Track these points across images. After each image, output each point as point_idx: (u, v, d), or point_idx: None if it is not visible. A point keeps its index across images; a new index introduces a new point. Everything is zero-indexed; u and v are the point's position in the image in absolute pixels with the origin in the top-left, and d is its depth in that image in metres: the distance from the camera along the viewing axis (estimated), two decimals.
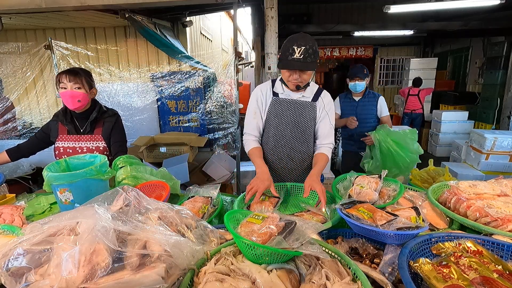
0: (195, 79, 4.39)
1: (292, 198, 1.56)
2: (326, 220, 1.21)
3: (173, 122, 4.75)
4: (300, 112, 1.72)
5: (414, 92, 6.45)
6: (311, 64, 1.50)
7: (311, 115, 1.73)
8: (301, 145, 1.77)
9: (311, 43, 1.48)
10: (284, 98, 1.72)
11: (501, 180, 1.36)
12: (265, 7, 2.79)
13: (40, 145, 1.94)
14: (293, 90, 1.68)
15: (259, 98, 1.74)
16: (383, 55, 9.21)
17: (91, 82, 1.83)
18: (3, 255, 0.72)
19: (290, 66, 1.53)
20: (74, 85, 1.74)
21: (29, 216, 1.42)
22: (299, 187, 1.58)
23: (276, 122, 1.73)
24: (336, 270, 0.82)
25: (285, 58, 1.52)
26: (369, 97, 2.88)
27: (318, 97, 1.73)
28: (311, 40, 1.50)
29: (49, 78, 5.00)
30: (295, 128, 1.73)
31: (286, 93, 1.72)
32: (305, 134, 1.75)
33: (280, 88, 1.73)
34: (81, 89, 1.76)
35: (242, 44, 11.85)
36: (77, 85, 1.74)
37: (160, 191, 1.55)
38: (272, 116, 1.73)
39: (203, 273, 0.81)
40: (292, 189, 1.59)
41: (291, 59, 1.48)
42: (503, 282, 0.72)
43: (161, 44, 4.21)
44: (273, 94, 1.73)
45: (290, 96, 1.72)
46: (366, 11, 7.87)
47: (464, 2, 4.82)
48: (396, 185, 1.41)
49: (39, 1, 2.78)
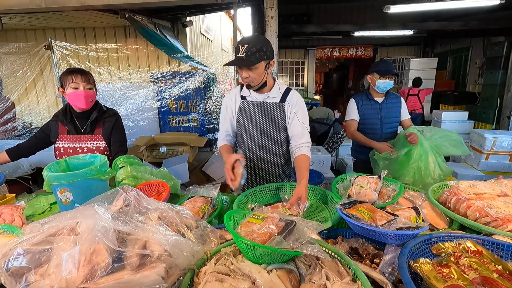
0: (195, 79, 4.40)
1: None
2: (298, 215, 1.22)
3: (173, 122, 4.75)
4: (267, 114, 1.69)
5: (414, 92, 6.46)
6: (251, 61, 1.47)
7: (280, 116, 1.69)
8: (272, 147, 1.75)
9: (255, 42, 1.47)
10: (251, 101, 1.71)
11: (501, 180, 1.36)
12: (265, 7, 2.79)
13: (40, 145, 1.94)
14: (248, 89, 1.65)
15: (228, 104, 1.77)
16: (383, 55, 9.21)
17: (95, 82, 1.86)
18: (3, 255, 0.72)
19: (232, 63, 1.53)
20: (87, 85, 1.76)
21: (29, 216, 1.42)
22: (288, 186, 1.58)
23: (245, 125, 1.74)
24: (336, 270, 0.82)
25: (233, 57, 1.53)
26: (391, 98, 2.52)
27: (286, 97, 1.69)
28: (259, 40, 1.50)
29: (49, 78, 5.00)
30: (264, 130, 1.72)
31: (253, 96, 1.71)
32: (275, 135, 1.72)
33: (247, 91, 1.72)
34: (92, 89, 1.80)
35: None
36: (89, 85, 1.78)
37: (160, 191, 1.55)
38: (242, 120, 1.74)
39: (203, 273, 0.81)
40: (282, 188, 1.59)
41: (236, 57, 1.49)
42: (503, 282, 0.72)
43: (161, 44, 4.21)
44: (241, 97, 1.74)
45: (256, 98, 1.70)
46: (366, 11, 7.88)
47: (464, 2, 4.83)
48: (395, 185, 1.41)
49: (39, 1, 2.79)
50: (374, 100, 2.52)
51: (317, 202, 1.48)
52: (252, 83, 1.56)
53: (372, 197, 1.27)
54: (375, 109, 2.51)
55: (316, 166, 4.10)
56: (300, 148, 1.63)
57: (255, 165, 1.79)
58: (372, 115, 2.51)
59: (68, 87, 1.74)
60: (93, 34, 5.06)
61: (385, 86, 2.42)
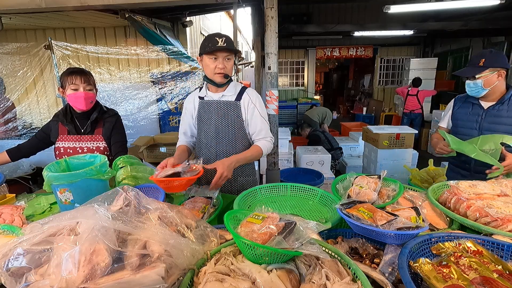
0: (195, 79, 4.40)
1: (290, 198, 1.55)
2: None
3: (173, 122, 4.75)
4: (223, 113, 1.71)
5: (413, 92, 6.46)
6: (233, 49, 1.58)
7: (235, 114, 1.71)
8: (227, 146, 1.75)
9: (228, 37, 1.57)
10: (207, 100, 1.74)
11: (501, 180, 1.36)
12: (265, 7, 2.79)
13: (40, 145, 1.94)
14: (220, 84, 1.66)
15: (188, 106, 1.81)
16: (383, 55, 9.21)
17: (95, 83, 1.85)
18: (3, 255, 0.72)
19: (217, 49, 1.54)
20: (87, 86, 1.76)
21: (29, 216, 1.42)
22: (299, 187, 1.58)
23: (203, 125, 1.76)
24: (336, 270, 0.82)
25: (210, 47, 1.54)
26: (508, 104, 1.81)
27: (242, 95, 1.72)
28: (229, 36, 1.60)
29: (49, 78, 5.00)
30: (220, 129, 1.73)
31: (209, 95, 1.74)
32: (230, 134, 1.73)
33: (204, 92, 1.75)
34: (92, 90, 1.80)
35: (242, 44, 11.85)
36: (89, 86, 1.78)
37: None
38: (200, 121, 1.77)
39: (203, 273, 0.81)
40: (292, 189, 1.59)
41: (217, 46, 1.53)
42: (503, 282, 0.72)
43: (161, 44, 4.21)
44: (199, 98, 1.77)
45: (212, 97, 1.73)
46: (366, 11, 7.88)
47: (464, 2, 4.83)
48: (395, 185, 1.41)
49: (39, 1, 2.79)
50: (479, 105, 1.89)
51: (317, 203, 1.49)
52: (228, 73, 1.62)
53: (372, 197, 1.27)
54: (473, 115, 1.90)
55: (316, 166, 4.11)
56: (258, 141, 1.74)
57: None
58: (467, 123, 1.92)
59: (68, 88, 1.74)
60: (93, 34, 5.07)
61: (470, 90, 1.84)
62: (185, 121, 1.84)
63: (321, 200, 1.48)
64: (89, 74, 1.80)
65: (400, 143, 4.13)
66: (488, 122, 1.84)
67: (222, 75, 1.61)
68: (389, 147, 4.12)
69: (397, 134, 4.10)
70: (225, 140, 1.74)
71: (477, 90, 1.81)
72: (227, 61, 1.60)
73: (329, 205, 1.42)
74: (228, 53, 1.58)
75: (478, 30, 6.49)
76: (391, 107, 9.22)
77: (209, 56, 1.57)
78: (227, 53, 1.58)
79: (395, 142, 4.12)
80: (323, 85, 14.55)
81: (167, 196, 1.62)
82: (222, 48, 1.53)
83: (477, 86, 1.79)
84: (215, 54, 1.56)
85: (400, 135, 4.10)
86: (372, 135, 4.28)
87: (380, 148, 4.13)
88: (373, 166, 4.33)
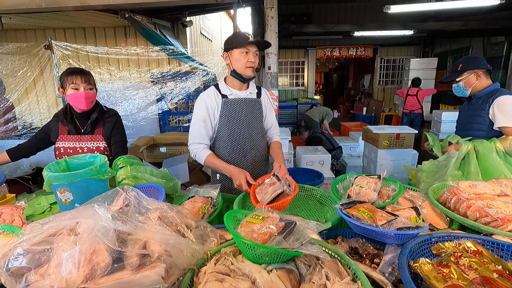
0: (195, 79, 4.40)
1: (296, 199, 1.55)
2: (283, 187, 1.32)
3: (173, 122, 4.75)
4: (250, 110, 1.78)
5: (413, 92, 6.45)
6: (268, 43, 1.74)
7: (259, 110, 1.82)
8: (255, 142, 1.82)
9: None
10: (233, 98, 1.74)
11: (501, 180, 1.36)
12: (265, 7, 2.79)
13: (40, 145, 1.94)
14: (248, 78, 1.71)
15: (209, 105, 1.71)
16: (383, 55, 9.21)
17: (95, 82, 1.85)
18: (3, 255, 0.72)
19: (250, 42, 1.62)
20: (87, 86, 1.76)
21: (29, 216, 1.42)
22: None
23: (229, 123, 1.75)
24: (336, 270, 0.82)
25: (242, 41, 1.62)
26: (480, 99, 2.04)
27: (261, 93, 1.85)
28: None
29: (49, 78, 5.00)
30: (248, 126, 1.77)
31: (234, 93, 1.75)
32: (257, 130, 1.82)
33: (227, 90, 1.74)
34: (92, 89, 1.80)
35: None
36: (89, 86, 1.77)
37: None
38: (225, 119, 1.74)
39: (203, 273, 0.81)
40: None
41: (248, 41, 1.61)
42: (503, 282, 0.72)
43: (161, 44, 4.21)
44: (222, 96, 1.73)
45: (238, 95, 1.76)
46: (366, 11, 7.88)
47: (464, 2, 4.83)
48: (395, 185, 1.41)
49: (39, 1, 2.79)
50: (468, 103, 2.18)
51: (316, 203, 1.48)
52: (258, 68, 1.70)
53: (372, 197, 1.27)
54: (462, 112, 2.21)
55: (316, 166, 4.10)
56: (274, 136, 1.95)
57: (237, 163, 1.78)
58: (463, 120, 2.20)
59: (69, 88, 1.73)
60: (93, 34, 5.06)
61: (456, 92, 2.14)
62: (207, 123, 1.73)
63: (321, 200, 1.48)
64: (89, 74, 1.80)
65: (400, 143, 4.12)
66: (466, 116, 2.14)
67: (252, 69, 1.67)
68: (389, 147, 4.11)
69: (397, 134, 4.10)
70: (253, 136, 1.81)
71: (460, 91, 2.11)
72: (255, 56, 1.67)
73: (329, 205, 1.42)
74: (256, 49, 1.67)
75: (478, 30, 6.49)
76: (391, 107, 9.22)
77: (241, 50, 1.63)
78: (256, 48, 1.66)
79: (395, 142, 4.11)
80: (323, 85, 14.54)
81: (167, 196, 1.62)
82: (254, 42, 1.62)
83: (459, 87, 2.10)
84: (247, 48, 1.63)
85: (400, 135, 4.09)
86: (372, 135, 4.27)
87: (380, 148, 4.12)
88: (373, 166, 4.33)
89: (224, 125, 1.75)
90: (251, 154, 1.82)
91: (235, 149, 1.79)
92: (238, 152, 1.80)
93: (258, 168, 1.88)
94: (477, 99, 2.05)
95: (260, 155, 1.88)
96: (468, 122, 2.10)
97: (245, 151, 1.81)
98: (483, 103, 1.98)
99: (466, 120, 2.13)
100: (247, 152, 1.81)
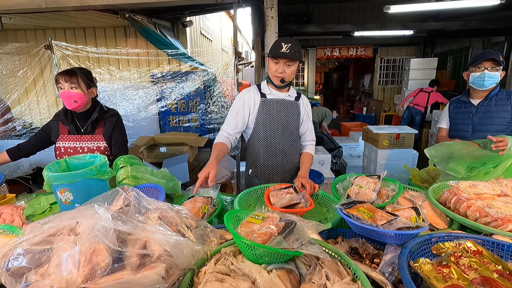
0: (195, 79, 4.39)
1: None
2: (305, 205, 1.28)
3: (173, 122, 4.74)
4: (288, 111, 1.82)
5: (427, 90, 6.46)
6: (297, 57, 1.67)
7: (297, 113, 1.85)
8: (291, 142, 1.86)
9: (296, 44, 1.66)
10: (272, 98, 1.80)
11: (501, 180, 1.36)
12: (265, 7, 2.79)
13: (40, 145, 1.94)
14: (277, 86, 1.76)
15: (246, 100, 1.80)
16: (383, 55, 9.20)
17: (88, 82, 1.79)
18: (3, 255, 0.72)
19: (278, 55, 1.66)
20: (70, 85, 1.73)
21: (29, 216, 1.42)
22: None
23: (266, 122, 1.80)
24: (336, 270, 0.82)
25: (274, 51, 1.67)
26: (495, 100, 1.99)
27: (300, 97, 1.88)
28: (297, 42, 1.68)
29: (49, 78, 5.00)
30: (285, 126, 1.82)
31: (274, 93, 1.81)
32: (293, 131, 1.86)
33: (267, 89, 1.81)
34: (77, 89, 1.74)
35: (242, 44, 11.85)
36: (73, 85, 1.73)
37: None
38: (262, 117, 1.80)
39: (203, 273, 0.81)
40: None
41: (279, 52, 1.64)
42: (503, 282, 0.72)
43: (161, 44, 4.21)
44: (261, 95, 1.80)
45: (277, 96, 1.81)
46: (366, 11, 7.87)
47: (464, 2, 4.82)
48: (395, 185, 1.41)
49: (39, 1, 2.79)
50: (469, 103, 2.04)
51: (316, 203, 1.48)
52: (286, 78, 1.71)
53: (371, 197, 1.27)
54: (466, 113, 2.04)
55: (316, 166, 4.10)
56: (308, 146, 1.93)
57: (275, 162, 1.86)
58: (461, 120, 2.06)
59: (58, 88, 1.75)
60: (93, 34, 5.06)
61: (481, 80, 1.89)
62: (239, 115, 1.80)
63: (321, 200, 1.48)
64: (77, 73, 1.75)
65: (400, 143, 4.12)
66: (479, 118, 2.01)
67: (279, 79, 1.71)
68: (389, 147, 4.12)
69: (397, 134, 4.10)
70: (290, 136, 1.85)
71: (493, 81, 1.92)
72: (288, 67, 1.69)
73: (329, 205, 1.42)
74: (289, 60, 1.67)
75: (478, 30, 6.48)
76: (391, 107, 9.22)
77: (272, 60, 1.70)
78: (288, 60, 1.66)
79: (395, 142, 4.11)
80: (323, 85, 14.53)
81: (167, 196, 1.62)
82: (283, 55, 1.64)
83: (495, 77, 1.90)
84: (277, 59, 1.68)
85: (400, 135, 4.10)
86: (372, 135, 4.27)
87: (380, 148, 4.12)
88: (373, 166, 4.33)
89: (261, 123, 1.80)
90: (287, 152, 1.86)
91: (272, 147, 1.83)
92: (272, 151, 1.84)
93: (294, 169, 1.90)
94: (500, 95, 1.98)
95: (296, 155, 1.91)
96: (487, 122, 1.97)
97: (282, 150, 1.84)
98: (505, 99, 1.95)
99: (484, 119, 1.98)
100: (284, 151, 1.85)
